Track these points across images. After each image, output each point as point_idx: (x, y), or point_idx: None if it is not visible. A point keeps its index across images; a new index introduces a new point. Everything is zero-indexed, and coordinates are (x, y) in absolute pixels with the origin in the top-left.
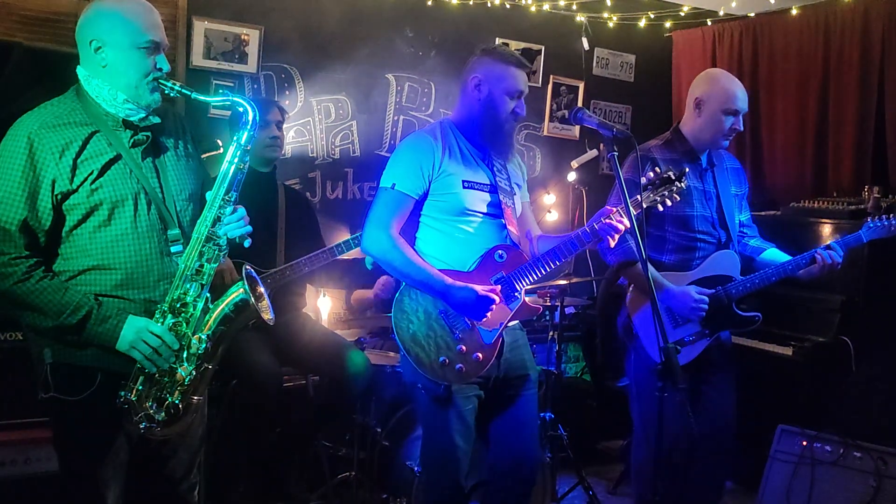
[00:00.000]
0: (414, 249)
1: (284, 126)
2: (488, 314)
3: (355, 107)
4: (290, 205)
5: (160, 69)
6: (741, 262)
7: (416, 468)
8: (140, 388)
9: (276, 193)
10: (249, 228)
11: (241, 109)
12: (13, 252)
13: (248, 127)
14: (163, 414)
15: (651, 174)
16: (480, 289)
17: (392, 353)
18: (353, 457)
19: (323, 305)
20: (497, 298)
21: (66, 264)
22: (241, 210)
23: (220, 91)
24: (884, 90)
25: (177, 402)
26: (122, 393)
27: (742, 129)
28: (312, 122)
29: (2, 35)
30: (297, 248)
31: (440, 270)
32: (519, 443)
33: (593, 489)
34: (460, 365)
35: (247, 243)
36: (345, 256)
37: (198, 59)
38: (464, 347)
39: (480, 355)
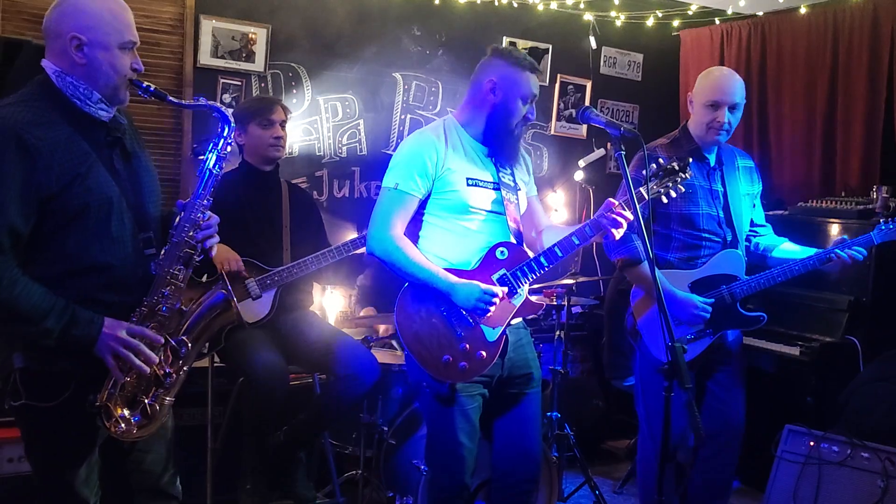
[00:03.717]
0: (417, 248)
1: (291, 125)
2: (491, 309)
3: (362, 105)
4: (293, 202)
5: (136, 69)
6: (754, 261)
7: (422, 467)
8: (113, 390)
9: (279, 192)
10: (217, 238)
11: (215, 116)
12: (1, 259)
13: (224, 134)
14: (139, 416)
15: (654, 165)
16: (484, 286)
17: (399, 352)
18: (359, 455)
19: (330, 303)
20: (500, 294)
21: (46, 268)
22: (216, 217)
23: (197, 97)
24: (892, 89)
25: (152, 403)
26: (92, 396)
27: (724, 121)
28: (319, 121)
29: (11, 33)
30: (302, 245)
31: (443, 269)
32: (522, 441)
33: (599, 488)
34: (464, 363)
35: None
36: (359, 251)
37: (205, 58)
38: (467, 346)
39: (484, 353)
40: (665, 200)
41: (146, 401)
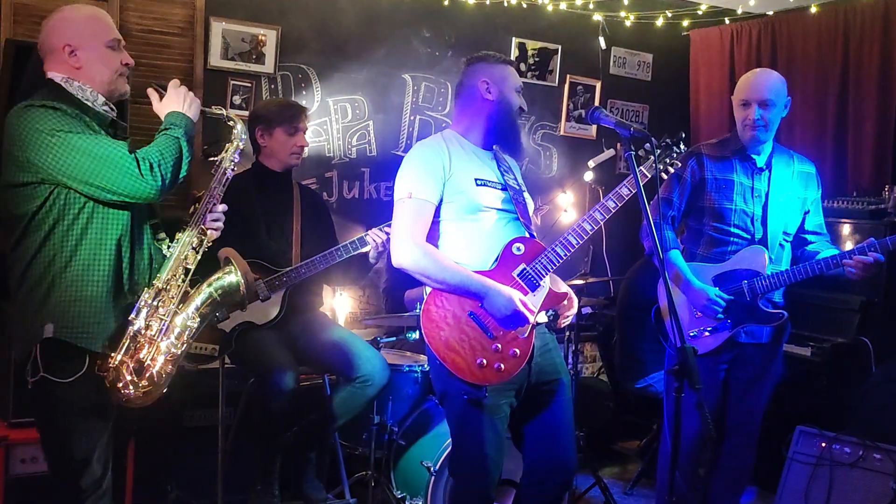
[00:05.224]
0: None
1: None
2: (525, 327)
3: (372, 107)
4: (305, 204)
5: (126, 64)
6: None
7: (432, 468)
8: (123, 358)
9: (291, 193)
10: (221, 225)
11: (230, 123)
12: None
13: (239, 139)
14: (145, 382)
15: (648, 145)
16: (519, 302)
17: (409, 353)
18: (369, 456)
19: (339, 305)
20: (532, 320)
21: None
22: (224, 206)
23: (215, 108)
24: None
25: (159, 371)
26: (109, 364)
27: (755, 117)
28: (329, 122)
29: (22, 36)
30: (312, 247)
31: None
32: (557, 450)
33: (610, 490)
34: (499, 363)
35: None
36: (365, 250)
37: (215, 60)
38: (499, 345)
39: (518, 350)
40: (664, 177)
41: (153, 368)
